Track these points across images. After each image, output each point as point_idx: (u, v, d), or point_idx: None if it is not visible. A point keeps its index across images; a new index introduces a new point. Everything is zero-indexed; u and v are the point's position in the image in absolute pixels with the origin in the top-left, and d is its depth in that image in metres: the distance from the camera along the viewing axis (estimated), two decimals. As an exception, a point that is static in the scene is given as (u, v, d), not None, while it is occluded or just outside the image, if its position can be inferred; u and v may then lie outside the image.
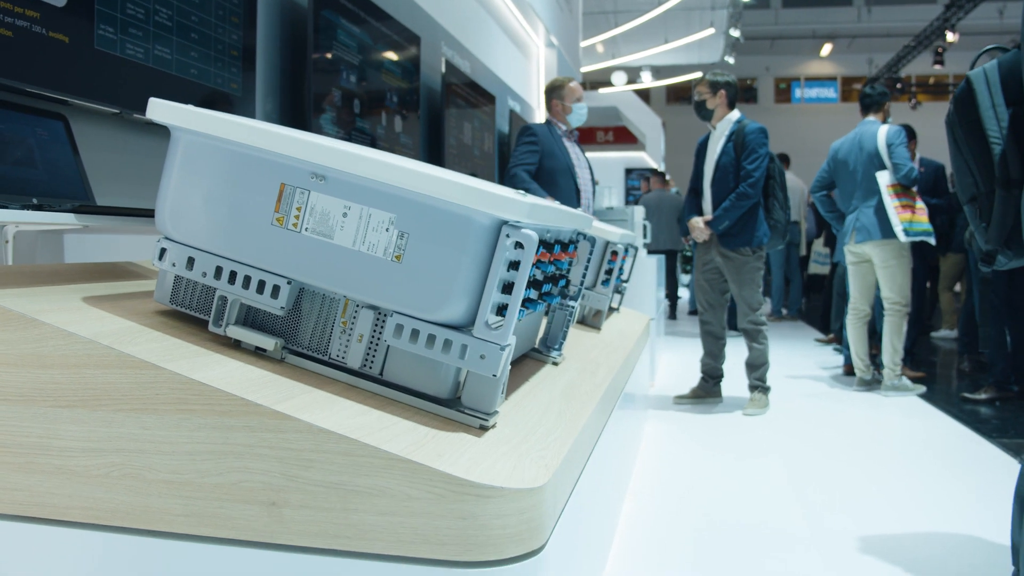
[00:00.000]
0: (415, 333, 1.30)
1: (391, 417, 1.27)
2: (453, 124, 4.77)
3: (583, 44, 15.78)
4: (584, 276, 2.12)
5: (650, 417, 4.18)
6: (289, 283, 1.36)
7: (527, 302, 1.58)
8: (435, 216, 1.27)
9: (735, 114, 4.35)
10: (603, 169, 16.52)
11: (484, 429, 1.32)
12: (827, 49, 24.29)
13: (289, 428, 1.17)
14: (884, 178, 4.72)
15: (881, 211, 4.71)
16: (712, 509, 2.85)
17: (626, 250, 3.31)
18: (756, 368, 4.38)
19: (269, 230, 1.37)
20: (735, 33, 15.85)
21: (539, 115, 7.98)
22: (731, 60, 17.62)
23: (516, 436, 1.34)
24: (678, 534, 2.62)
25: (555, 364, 2.03)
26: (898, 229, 4.64)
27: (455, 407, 1.35)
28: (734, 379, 4.83)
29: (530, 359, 2.02)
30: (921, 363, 6.28)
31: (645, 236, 5.36)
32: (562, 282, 1.84)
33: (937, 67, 17.06)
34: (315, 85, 2.97)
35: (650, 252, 6.50)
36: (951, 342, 7.83)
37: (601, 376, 2.10)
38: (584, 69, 17.98)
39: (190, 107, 1.39)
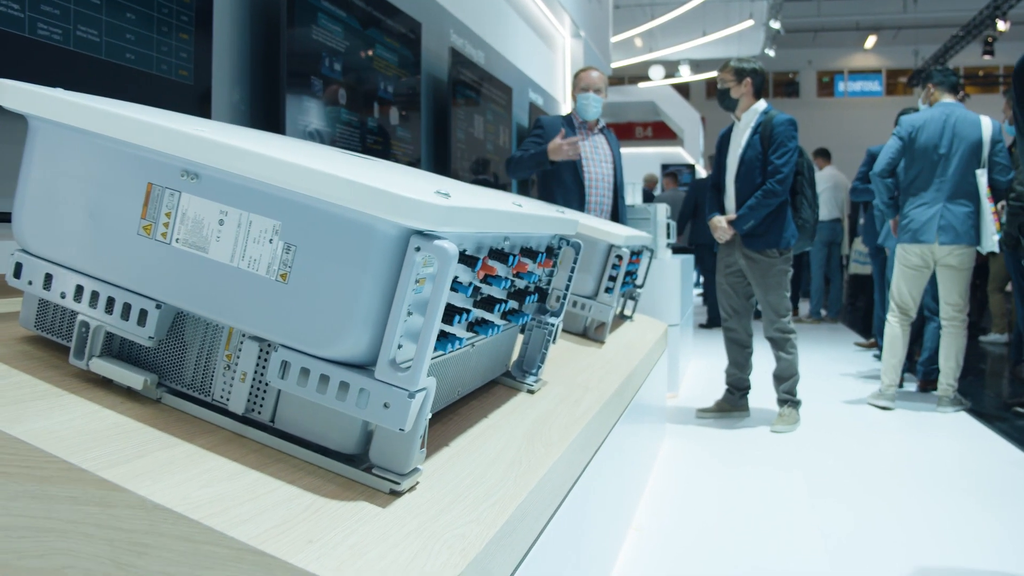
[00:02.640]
0: (304, 373, 1.02)
1: (271, 481, 1.00)
2: (462, 117, 4.48)
3: (620, 38, 15.45)
4: (568, 287, 1.83)
5: (668, 433, 3.86)
6: (159, 307, 1.09)
7: (479, 326, 1.30)
8: (327, 224, 1.00)
9: (761, 104, 4.01)
10: (639, 165, 16.18)
11: (395, 494, 1.04)
12: (871, 41, 23.59)
13: (119, 502, 0.89)
14: (984, 178, 4.25)
15: (978, 214, 4.23)
16: (727, 546, 2.54)
17: (637, 253, 3.01)
18: (785, 380, 4.04)
19: (135, 241, 1.10)
20: (775, 25, 15.35)
21: (565, 108, 7.69)
22: (771, 53, 17.10)
23: (440, 502, 1.06)
24: (686, 577, 2.32)
25: (531, 392, 1.74)
26: (995, 238, 4.17)
27: (361, 465, 1.07)
28: (764, 389, 4.46)
29: (501, 386, 1.73)
30: (969, 370, 5.87)
31: (669, 236, 5.02)
32: (531, 298, 1.55)
33: (987, 58, 16.39)
34: (290, 73, 2.71)
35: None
36: (1002, 347, 7.38)
37: (587, 404, 1.80)
38: (621, 63, 17.61)
39: (46, 90, 1.13)
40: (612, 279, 2.62)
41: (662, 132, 20.17)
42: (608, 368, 2.28)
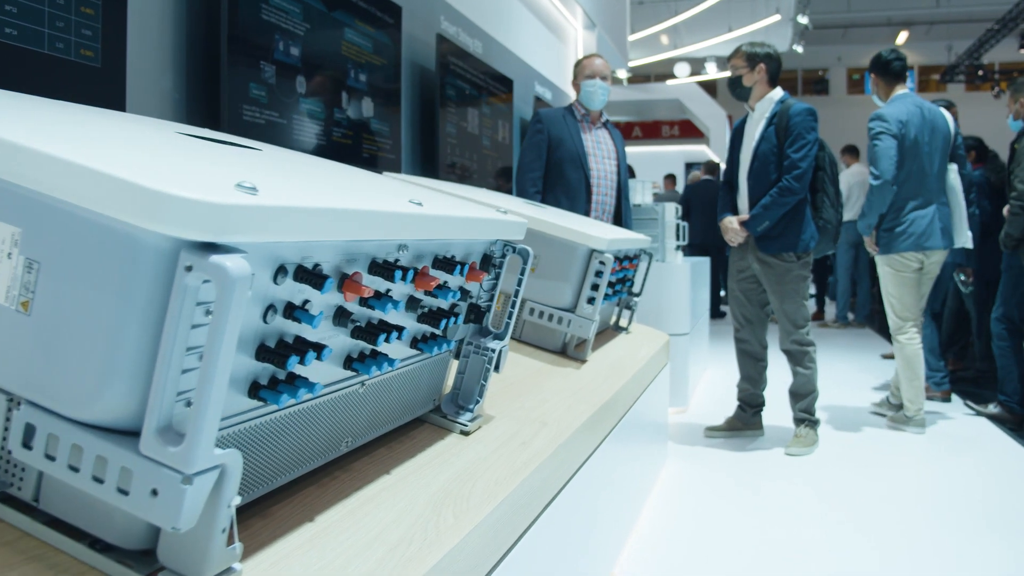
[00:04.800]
0: (52, 441, 0.72)
1: (-1, 598, 0.70)
2: (453, 110, 4.18)
3: (644, 34, 15.11)
4: (514, 303, 1.51)
5: (671, 454, 3.53)
6: None
7: (361, 362, 1.00)
8: (77, 232, 0.70)
9: (777, 92, 3.66)
10: (662, 163, 15.83)
11: (188, 612, 0.74)
12: (903, 37, 22.96)
13: None
14: (955, 173, 3.96)
15: (955, 212, 3.97)
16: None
17: (632, 258, 2.69)
18: (802, 398, 3.68)
19: None
20: (803, 20, 14.91)
21: (577, 103, 7.37)
22: (800, 49, 16.66)
23: (256, 619, 0.75)
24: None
25: (464, 433, 1.43)
26: (969, 234, 3.93)
27: (149, 568, 0.77)
28: (779, 406, 4.10)
29: (428, 426, 1.43)
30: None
31: (679, 237, 4.69)
32: (454, 319, 1.24)
33: (1023, 52, 15.85)
34: (232, 57, 2.42)
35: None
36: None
37: (538, 446, 1.49)
38: (646, 60, 17.25)
39: None
40: (595, 288, 2.31)
41: (688, 130, 19.91)
42: (581, 395, 1.96)
